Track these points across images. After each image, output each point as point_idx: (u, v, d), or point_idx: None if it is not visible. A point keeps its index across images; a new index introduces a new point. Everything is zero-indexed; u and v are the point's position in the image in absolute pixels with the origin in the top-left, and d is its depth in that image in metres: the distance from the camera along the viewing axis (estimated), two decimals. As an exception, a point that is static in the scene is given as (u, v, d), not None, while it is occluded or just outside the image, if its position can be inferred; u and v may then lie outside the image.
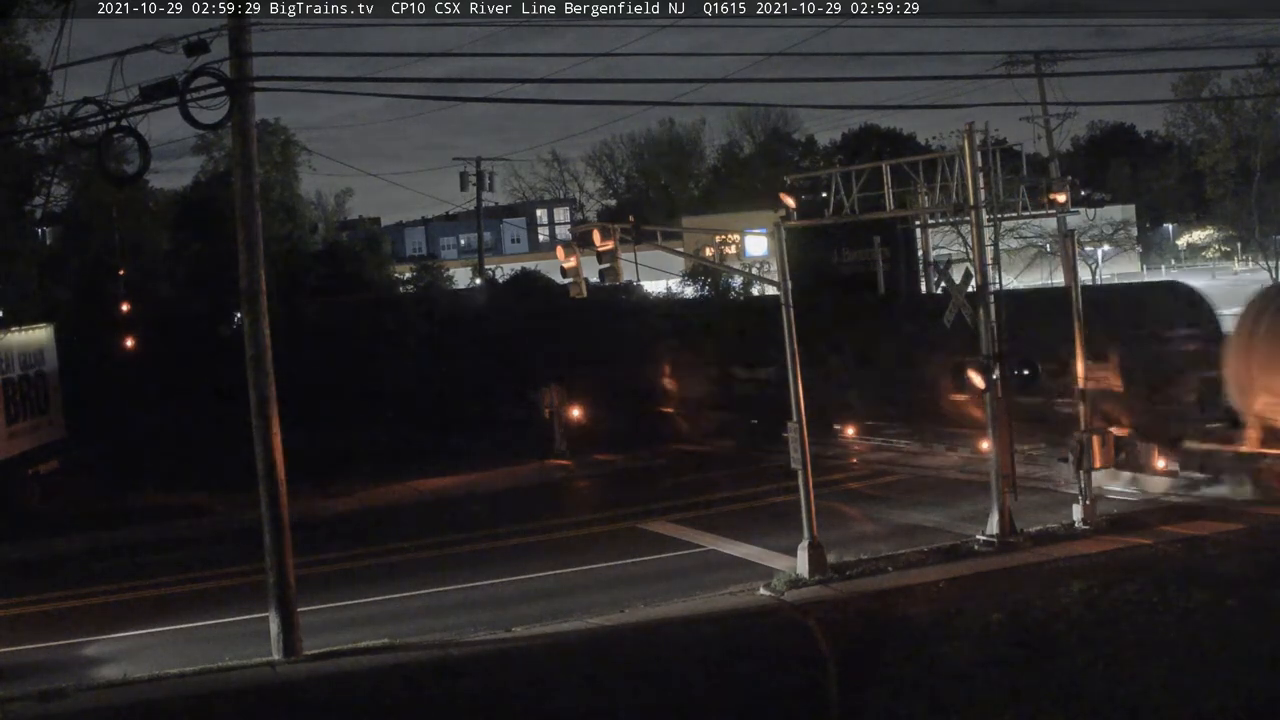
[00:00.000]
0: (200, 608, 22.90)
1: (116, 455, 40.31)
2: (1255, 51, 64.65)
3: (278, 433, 19.46)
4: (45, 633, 21.93)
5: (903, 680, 17.17)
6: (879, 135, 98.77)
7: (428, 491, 34.52)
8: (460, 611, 21.65)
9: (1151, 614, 18.82)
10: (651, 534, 27.14)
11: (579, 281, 23.24)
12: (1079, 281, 26.05)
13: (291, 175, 64.97)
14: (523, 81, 70.93)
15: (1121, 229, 77.61)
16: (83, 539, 30.29)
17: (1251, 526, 23.50)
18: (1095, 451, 24.56)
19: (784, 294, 22.65)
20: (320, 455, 35.19)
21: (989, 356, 23.75)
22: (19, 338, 37.85)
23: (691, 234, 50.98)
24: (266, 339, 19.40)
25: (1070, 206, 26.55)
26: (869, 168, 26.57)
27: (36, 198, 45.67)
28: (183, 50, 17.65)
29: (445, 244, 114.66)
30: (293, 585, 19.38)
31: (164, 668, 18.72)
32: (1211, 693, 15.83)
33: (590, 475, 36.13)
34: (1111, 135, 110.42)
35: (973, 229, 24.56)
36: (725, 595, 21.37)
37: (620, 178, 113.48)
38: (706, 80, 65.98)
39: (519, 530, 28.19)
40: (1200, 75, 73.06)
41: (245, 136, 19.28)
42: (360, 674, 18.14)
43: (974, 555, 22.99)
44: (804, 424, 22.49)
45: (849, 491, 30.13)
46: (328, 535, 28.20)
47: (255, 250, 19.41)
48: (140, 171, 19.70)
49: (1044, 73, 54.97)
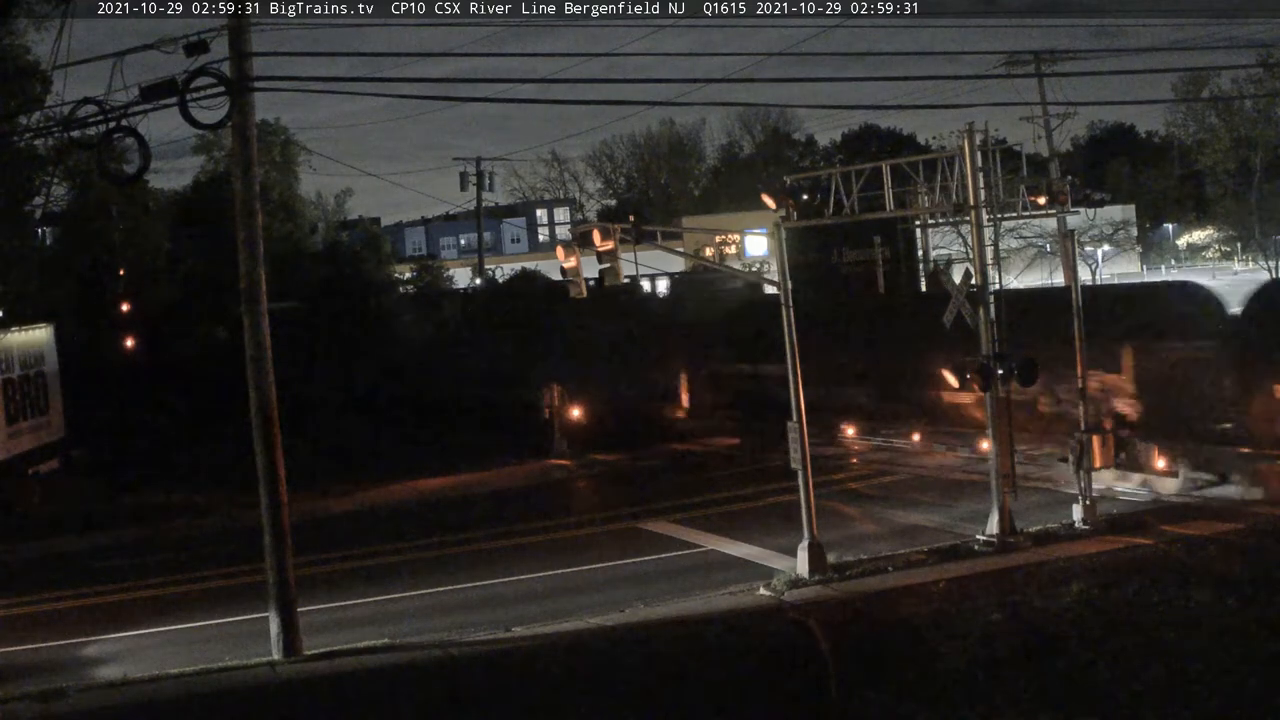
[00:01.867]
0: (200, 608, 22.88)
1: (116, 455, 40.28)
2: (1255, 51, 64.61)
3: (278, 433, 19.45)
4: (45, 633, 21.91)
5: (903, 680, 17.19)
6: (879, 135, 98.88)
7: (428, 491, 34.50)
8: (460, 611, 21.63)
9: (1151, 614, 18.83)
10: (651, 534, 27.13)
11: (579, 281, 23.22)
12: (1079, 281, 26.07)
13: (291, 175, 65.00)
14: (523, 81, 70.97)
15: (1121, 229, 77.57)
16: (83, 539, 30.28)
17: (1251, 526, 23.50)
18: (1095, 451, 24.55)
19: (784, 294, 22.65)
20: (320, 455, 35.25)
21: (989, 356, 23.73)
22: (19, 338, 37.86)
23: (691, 234, 50.98)
24: (267, 339, 19.40)
25: (1070, 206, 26.51)
26: (869, 168, 26.54)
27: (36, 198, 45.68)
28: (183, 50, 17.64)
29: (445, 244, 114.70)
30: (293, 585, 19.36)
31: (164, 668, 18.72)
32: (1212, 693, 15.85)
33: (590, 475, 36.12)
34: (1111, 135, 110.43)
35: (973, 229, 24.55)
36: (725, 595, 21.36)
37: (620, 178, 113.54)
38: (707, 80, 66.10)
39: (519, 530, 28.18)
40: (1200, 75, 73.06)
41: (245, 136, 19.27)
42: (360, 674, 18.14)
43: (974, 555, 22.98)
44: (804, 424, 22.49)
45: (849, 491, 30.12)
46: (328, 535, 28.17)
47: (255, 250, 19.40)
48: (140, 171, 19.67)
49: (1044, 73, 54.91)
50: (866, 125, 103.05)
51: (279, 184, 61.92)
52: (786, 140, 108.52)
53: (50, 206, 49.39)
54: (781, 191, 26.05)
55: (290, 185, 64.87)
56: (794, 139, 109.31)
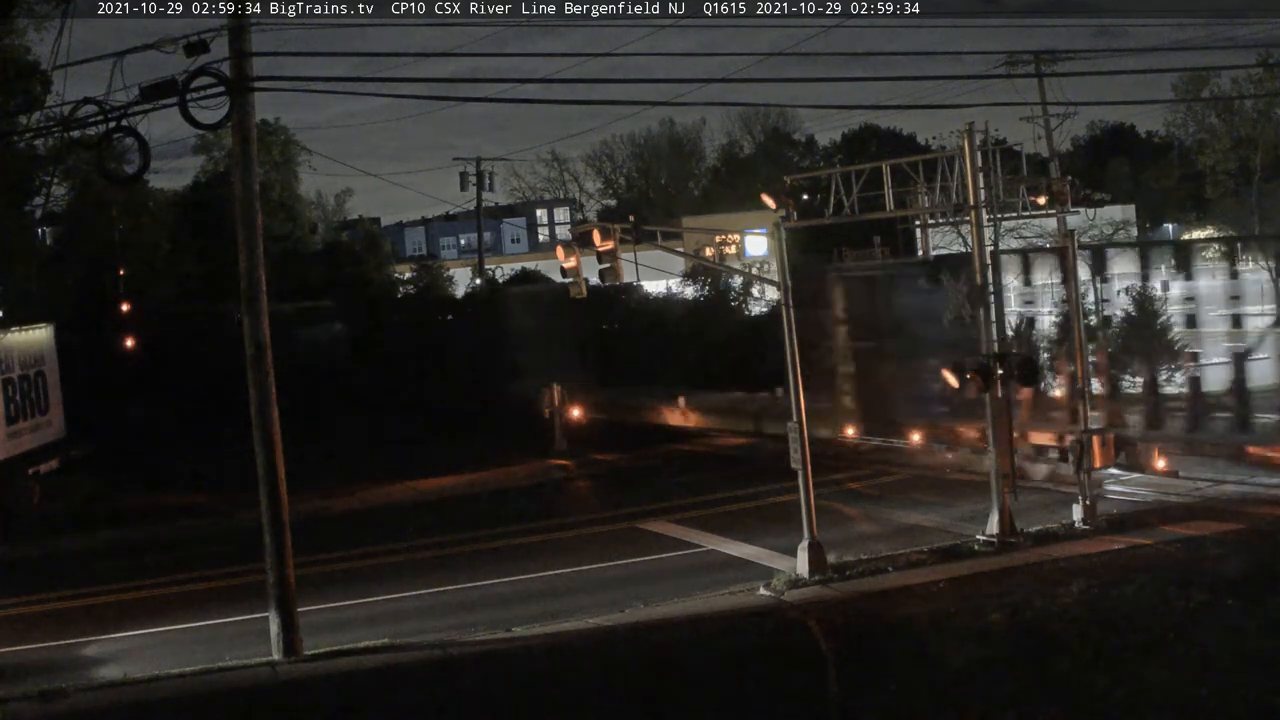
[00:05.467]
0: (200, 608, 22.86)
1: (116, 455, 40.28)
2: (1255, 51, 64.43)
3: (278, 432, 19.45)
4: (45, 633, 21.90)
5: (903, 680, 17.19)
6: (879, 135, 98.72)
7: (428, 491, 34.47)
8: (460, 611, 21.62)
9: (1151, 614, 18.84)
10: (651, 534, 27.12)
11: (579, 281, 23.20)
12: (1079, 281, 26.06)
13: (291, 175, 65.10)
14: (524, 81, 70.99)
15: (1121, 229, 77.53)
16: (83, 539, 30.26)
17: (1251, 526, 23.51)
18: (1095, 451, 24.54)
19: (784, 294, 22.63)
20: (320, 455, 35.24)
21: (989, 356, 23.71)
22: (19, 338, 37.88)
23: (691, 234, 50.96)
24: (266, 338, 19.39)
25: (1070, 206, 26.50)
26: (869, 168, 26.55)
27: (36, 198, 45.72)
28: (183, 50, 17.62)
29: (445, 244, 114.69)
30: (293, 585, 19.35)
31: (164, 668, 18.70)
32: (1212, 693, 15.85)
33: (590, 475, 36.11)
34: (1111, 135, 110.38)
35: (973, 229, 24.54)
36: (725, 595, 21.35)
37: (620, 178, 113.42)
38: (707, 80, 65.89)
39: (519, 530, 28.17)
40: (1200, 75, 72.89)
41: (245, 136, 19.26)
42: (360, 674, 18.13)
43: (974, 555, 22.97)
44: (804, 424, 22.48)
45: (849, 491, 30.12)
46: (328, 535, 28.15)
47: (255, 250, 19.39)
48: (140, 171, 19.63)
49: (1044, 73, 54.84)
50: (866, 125, 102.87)
51: (279, 184, 61.98)
52: (786, 140, 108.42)
53: (50, 206, 49.45)
54: (781, 192, 26.05)
55: (290, 185, 64.94)
56: (794, 139, 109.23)
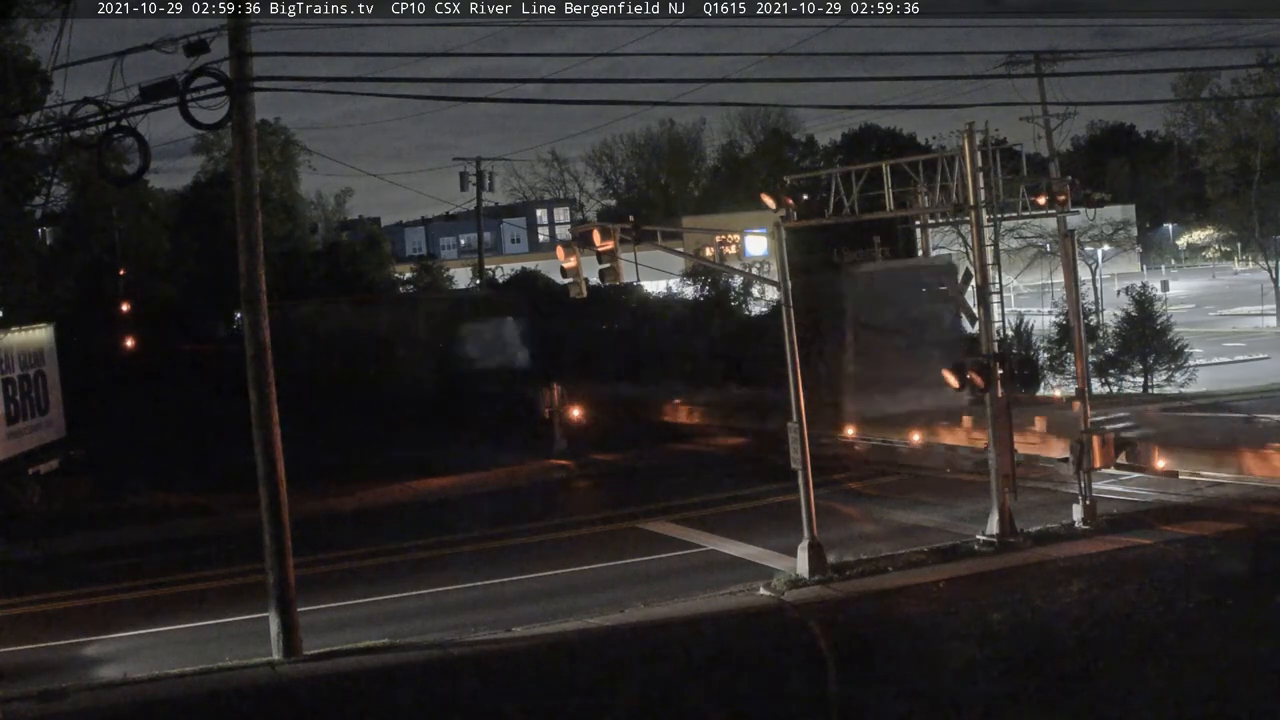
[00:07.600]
0: (200, 608, 22.87)
1: (116, 455, 40.27)
2: (1255, 51, 64.42)
3: (278, 432, 19.45)
4: (45, 633, 21.91)
5: (903, 680, 17.18)
6: (879, 135, 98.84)
7: (428, 491, 34.48)
8: (460, 611, 21.63)
9: (1151, 614, 18.83)
10: (651, 534, 27.12)
11: (579, 282, 23.19)
12: (1079, 281, 26.06)
13: (291, 175, 65.15)
14: (524, 81, 70.93)
15: (1121, 229, 77.60)
16: (83, 539, 30.26)
17: (1251, 526, 23.51)
18: (1095, 451, 24.54)
19: (784, 294, 22.63)
20: (320, 455, 35.22)
21: (989, 356, 23.72)
22: (19, 338, 37.85)
23: (691, 234, 50.99)
24: (266, 338, 19.40)
25: (1070, 206, 26.51)
26: (869, 168, 26.56)
27: (36, 198, 45.66)
28: (183, 50, 17.63)
29: (445, 244, 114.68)
30: (293, 585, 19.36)
31: (164, 668, 18.71)
32: (1212, 694, 15.83)
33: (590, 475, 36.11)
34: (1111, 135, 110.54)
35: (973, 229, 24.55)
36: (725, 595, 21.36)
37: (620, 178, 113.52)
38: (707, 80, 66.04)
39: (519, 530, 28.17)
40: (1200, 75, 72.88)
41: (245, 136, 19.27)
42: (360, 674, 18.13)
43: (974, 555, 22.97)
44: (804, 424, 22.48)
45: (849, 491, 30.12)
46: (328, 535, 28.16)
47: (255, 250, 19.40)
48: (140, 171, 19.64)
49: (1044, 73, 54.81)
50: (866, 125, 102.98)
51: (279, 184, 62.00)
52: (786, 140, 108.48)
53: (50, 206, 49.41)
54: (781, 192, 26.06)
55: (290, 185, 64.97)
56: (794, 139, 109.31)
